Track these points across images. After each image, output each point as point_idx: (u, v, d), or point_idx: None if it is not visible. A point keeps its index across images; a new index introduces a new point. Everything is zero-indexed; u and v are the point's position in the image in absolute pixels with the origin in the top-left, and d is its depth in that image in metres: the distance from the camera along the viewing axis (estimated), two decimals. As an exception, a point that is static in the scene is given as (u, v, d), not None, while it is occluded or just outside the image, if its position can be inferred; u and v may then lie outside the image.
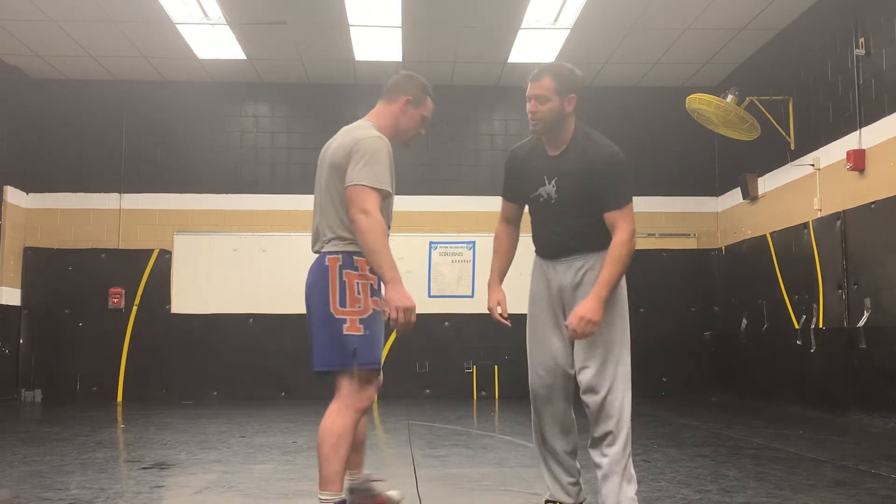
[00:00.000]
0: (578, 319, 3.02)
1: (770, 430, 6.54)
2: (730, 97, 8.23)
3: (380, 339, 3.10)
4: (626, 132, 9.57)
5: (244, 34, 8.74)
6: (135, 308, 9.95)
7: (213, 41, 8.90)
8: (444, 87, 10.38)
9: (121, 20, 8.36)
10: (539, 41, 8.82)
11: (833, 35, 7.63)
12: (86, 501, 3.76)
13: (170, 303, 9.97)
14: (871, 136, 7.01)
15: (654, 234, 10.19)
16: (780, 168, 8.59)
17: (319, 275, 3.08)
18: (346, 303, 3.02)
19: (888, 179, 6.72)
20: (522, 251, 3.56)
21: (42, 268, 9.87)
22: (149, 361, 9.81)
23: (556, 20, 8.40)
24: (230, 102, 10.37)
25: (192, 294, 9.96)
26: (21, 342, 9.74)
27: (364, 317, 3.03)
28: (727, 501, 3.72)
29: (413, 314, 2.96)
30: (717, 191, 10.39)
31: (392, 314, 2.94)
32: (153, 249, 10.04)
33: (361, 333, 3.01)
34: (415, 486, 4.14)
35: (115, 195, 10.12)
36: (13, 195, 9.61)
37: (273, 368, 9.72)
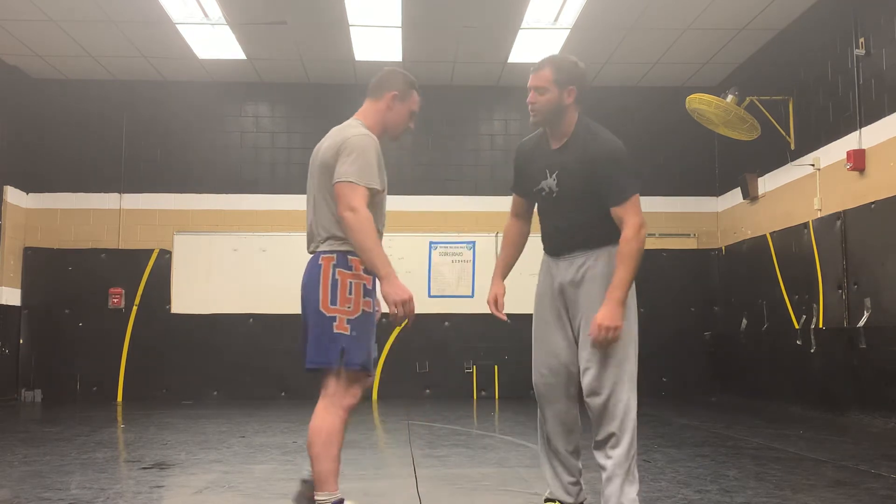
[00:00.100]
0: (597, 328, 2.98)
1: (770, 430, 6.54)
2: (730, 97, 8.23)
3: (368, 342, 3.09)
4: (626, 132, 9.39)
5: (244, 34, 8.74)
6: (135, 308, 9.95)
7: (213, 41, 8.90)
8: (444, 87, 10.40)
9: (121, 20, 8.36)
10: (539, 41, 8.82)
11: (833, 35, 7.63)
12: (86, 501, 3.76)
13: (170, 303, 9.97)
14: (871, 136, 7.01)
15: (654, 234, 10.18)
16: (780, 168, 8.59)
17: (313, 273, 3.10)
18: (337, 301, 3.03)
19: (888, 179, 6.72)
20: (528, 251, 3.55)
21: (42, 268, 9.87)
22: (149, 361, 9.81)
23: (556, 20, 8.40)
24: (230, 102, 10.37)
25: (192, 294, 9.96)
26: (21, 342, 9.74)
27: (352, 317, 3.03)
28: (727, 501, 3.71)
29: (412, 304, 2.97)
30: (717, 191, 10.39)
31: (392, 309, 2.96)
32: (153, 249, 10.04)
33: (348, 334, 3.02)
34: (415, 486, 4.14)
35: (115, 195, 10.12)
36: (13, 195, 9.61)
37: (273, 368, 9.71)
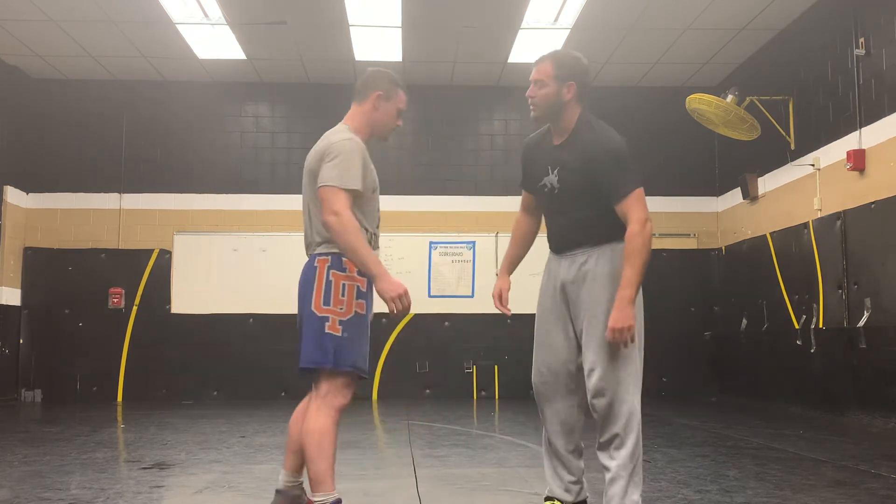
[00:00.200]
0: (611, 332, 2.99)
1: (770, 430, 6.54)
2: (730, 97, 8.22)
3: (360, 343, 3.10)
4: (626, 132, 9.33)
5: (244, 34, 8.74)
6: (135, 308, 9.94)
7: (213, 41, 8.90)
8: (444, 87, 10.40)
9: (121, 20, 8.36)
10: (539, 41, 8.81)
11: (833, 35, 7.63)
12: (86, 501, 3.76)
13: (170, 303, 9.96)
14: (871, 136, 7.00)
15: (655, 234, 10.11)
16: (780, 168, 8.59)
17: (309, 275, 3.14)
18: (330, 302, 3.06)
19: (888, 179, 6.72)
20: (531, 251, 3.54)
21: (42, 268, 9.86)
22: (149, 361, 9.80)
23: (556, 20, 8.40)
24: (230, 102, 10.36)
25: (192, 294, 9.96)
26: (21, 342, 9.74)
27: (345, 319, 3.06)
28: (727, 501, 3.71)
29: (408, 298, 3.00)
30: (717, 191, 10.39)
31: (390, 306, 2.99)
32: (153, 249, 10.04)
33: (339, 335, 3.04)
34: (415, 486, 4.14)
35: (115, 195, 10.12)
36: (13, 195, 9.60)
37: (273, 368, 9.71)
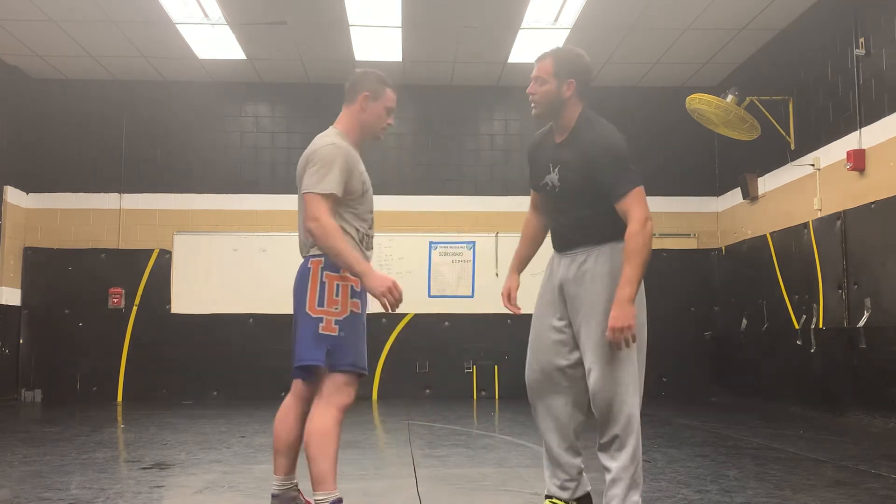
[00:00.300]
0: (611, 332, 2.98)
1: (770, 430, 6.54)
2: (730, 97, 8.22)
3: (358, 343, 3.12)
4: (626, 132, 9.33)
5: (244, 34, 8.74)
6: (135, 308, 9.94)
7: (213, 41, 8.90)
8: (444, 87, 10.40)
9: (121, 20, 8.36)
10: (539, 41, 8.81)
11: (833, 35, 7.63)
12: (86, 501, 3.76)
13: (170, 303, 9.96)
14: (871, 136, 7.00)
15: (655, 234, 10.13)
16: (780, 168, 8.59)
17: (303, 276, 3.17)
18: (324, 303, 3.09)
19: (888, 179, 6.72)
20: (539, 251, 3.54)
21: (42, 268, 9.87)
22: (149, 361, 9.80)
23: (556, 20, 8.40)
24: (230, 102, 10.36)
25: (192, 294, 9.96)
26: (21, 342, 9.74)
27: (341, 318, 3.09)
28: (727, 501, 3.71)
29: (397, 289, 3.02)
30: (717, 191, 10.39)
31: (381, 301, 3.01)
32: (153, 249, 10.04)
33: (336, 335, 3.07)
34: (415, 486, 4.14)
35: (115, 195, 10.12)
36: (13, 195, 9.60)
37: (273, 368, 9.68)
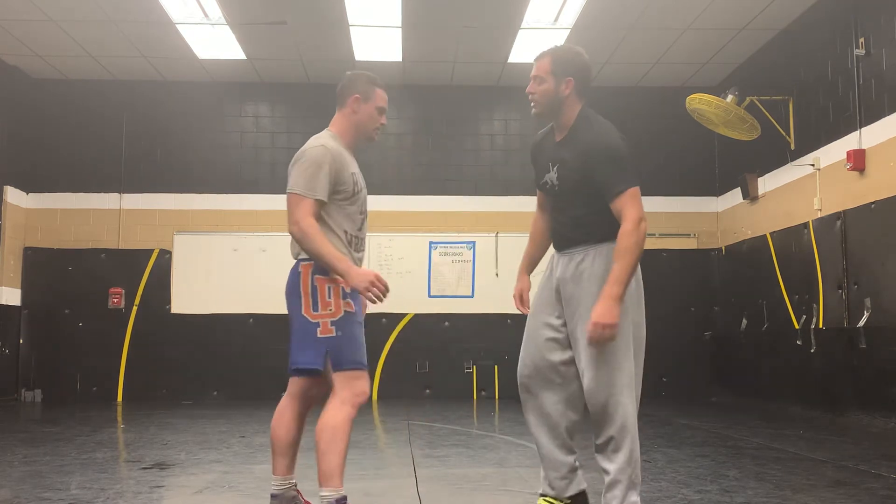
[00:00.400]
0: (592, 327, 2.93)
1: (770, 430, 6.54)
2: (730, 97, 8.23)
3: (356, 340, 3.14)
4: (626, 132, 9.34)
5: (244, 34, 8.74)
6: (135, 308, 9.94)
7: (213, 41, 8.90)
8: (444, 87, 10.40)
9: (121, 20, 8.36)
10: (539, 41, 8.81)
11: (833, 35, 7.63)
12: (86, 501, 3.76)
13: (170, 303, 9.96)
14: (871, 136, 7.00)
15: (654, 234, 10.18)
16: (780, 168, 8.59)
17: (294, 280, 3.18)
18: (319, 307, 3.10)
19: (888, 179, 6.72)
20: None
21: (42, 268, 9.87)
22: (149, 361, 9.80)
23: (556, 20, 8.40)
24: (230, 102, 10.36)
25: (192, 294, 9.96)
26: (21, 342, 9.74)
27: (336, 319, 3.10)
28: (727, 501, 3.71)
29: (380, 281, 3.03)
30: (717, 191, 10.39)
31: (367, 296, 3.03)
32: (153, 249, 10.04)
33: (334, 335, 3.08)
34: (415, 486, 4.14)
35: (115, 195, 10.12)
36: (13, 195, 9.60)
37: (273, 368, 9.64)
